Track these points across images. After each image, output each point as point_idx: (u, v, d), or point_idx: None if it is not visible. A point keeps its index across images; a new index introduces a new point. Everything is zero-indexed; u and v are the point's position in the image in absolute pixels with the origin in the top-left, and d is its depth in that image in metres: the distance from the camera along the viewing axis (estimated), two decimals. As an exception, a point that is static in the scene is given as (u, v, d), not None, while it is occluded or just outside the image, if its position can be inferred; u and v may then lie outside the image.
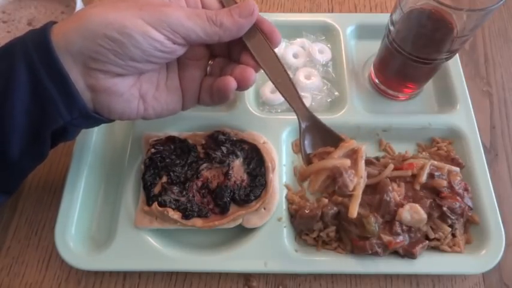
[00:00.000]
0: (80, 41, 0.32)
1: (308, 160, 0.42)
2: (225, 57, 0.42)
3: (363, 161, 0.40)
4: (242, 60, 0.40)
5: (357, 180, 0.40)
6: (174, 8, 0.34)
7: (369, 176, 0.46)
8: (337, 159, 0.40)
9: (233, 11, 0.36)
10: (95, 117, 0.36)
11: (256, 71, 0.40)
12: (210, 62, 0.43)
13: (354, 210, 0.39)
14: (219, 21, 0.35)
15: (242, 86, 0.39)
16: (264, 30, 0.39)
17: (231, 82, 0.38)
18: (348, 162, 0.40)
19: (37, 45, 0.32)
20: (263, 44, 0.39)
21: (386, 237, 0.42)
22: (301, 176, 0.43)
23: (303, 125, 0.42)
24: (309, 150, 0.43)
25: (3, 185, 0.39)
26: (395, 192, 0.43)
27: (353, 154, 0.41)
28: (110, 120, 0.39)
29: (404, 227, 0.43)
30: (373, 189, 0.45)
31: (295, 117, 0.52)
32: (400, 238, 0.43)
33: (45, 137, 0.35)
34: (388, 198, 0.43)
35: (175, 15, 0.34)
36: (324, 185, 0.41)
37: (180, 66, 0.41)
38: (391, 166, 0.45)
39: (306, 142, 0.43)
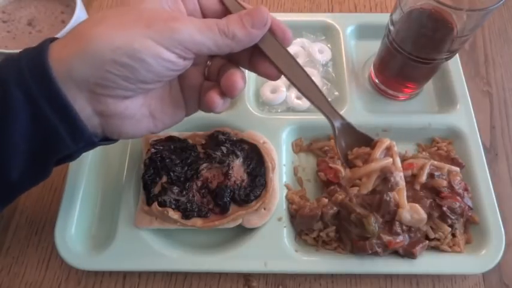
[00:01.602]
0: (85, 68, 0.29)
1: (348, 161, 0.44)
2: (222, 56, 0.39)
3: (398, 156, 0.44)
4: (260, 69, 0.37)
5: (400, 174, 0.43)
6: (184, 22, 0.31)
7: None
8: (384, 159, 0.42)
9: (245, 21, 0.33)
10: (102, 144, 0.35)
11: (275, 78, 0.37)
12: (208, 62, 0.40)
13: (404, 201, 0.42)
14: (231, 34, 0.32)
15: (229, 95, 0.37)
16: (274, 30, 0.36)
17: (215, 100, 0.36)
18: (390, 160, 0.42)
19: (35, 74, 0.29)
20: (278, 48, 0.36)
21: (386, 237, 0.42)
22: (350, 180, 0.44)
23: (336, 127, 0.42)
24: (345, 151, 0.44)
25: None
26: (395, 193, 0.43)
27: (388, 151, 0.44)
28: (116, 141, 0.37)
29: (404, 227, 0.43)
30: (373, 189, 0.45)
31: (295, 117, 0.53)
32: (400, 238, 0.43)
33: (48, 164, 0.34)
34: (388, 198, 0.43)
35: (186, 31, 0.31)
36: (374, 184, 0.43)
37: (179, 75, 0.38)
38: (390, 160, 0.45)
39: (343, 143, 0.44)
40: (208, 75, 0.39)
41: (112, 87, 0.31)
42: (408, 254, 0.43)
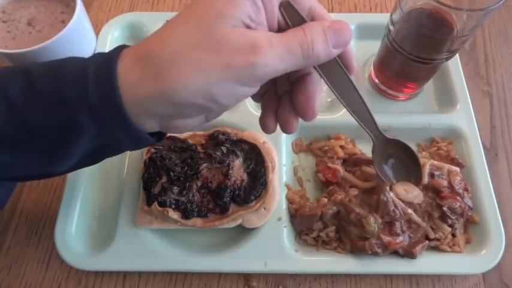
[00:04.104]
0: (163, 108, 0.29)
1: (386, 177, 0.43)
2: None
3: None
4: (301, 94, 0.34)
5: None
6: (264, 53, 0.28)
7: (368, 176, 0.47)
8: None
9: (330, 37, 0.30)
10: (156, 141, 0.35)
11: (308, 114, 0.34)
12: None
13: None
14: (315, 55, 0.30)
15: (284, 131, 0.36)
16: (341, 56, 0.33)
17: (270, 127, 0.37)
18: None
19: (104, 104, 0.28)
20: (337, 69, 0.33)
21: (386, 238, 0.42)
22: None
23: (377, 145, 0.41)
24: (389, 173, 0.43)
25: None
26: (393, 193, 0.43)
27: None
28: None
29: (404, 228, 0.43)
30: (372, 189, 0.45)
31: (295, 117, 0.53)
32: (400, 239, 0.43)
33: (101, 160, 0.34)
34: (385, 199, 0.43)
35: (268, 65, 0.28)
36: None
37: None
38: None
39: (385, 167, 0.43)
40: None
41: (184, 118, 0.31)
42: (408, 254, 0.43)
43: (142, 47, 0.29)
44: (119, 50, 0.30)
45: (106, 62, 0.29)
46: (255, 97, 0.38)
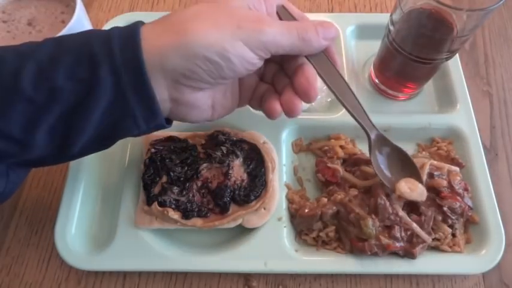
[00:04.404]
0: (177, 59, 0.32)
1: (391, 183, 0.43)
2: (276, 62, 0.41)
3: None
4: (301, 77, 0.38)
5: None
6: (270, 24, 0.34)
7: (368, 176, 0.47)
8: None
9: (319, 31, 0.36)
10: (166, 126, 0.37)
11: (311, 93, 0.38)
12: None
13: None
14: (308, 39, 0.36)
15: (288, 115, 0.39)
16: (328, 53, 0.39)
17: (277, 110, 0.39)
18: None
19: (128, 63, 0.31)
20: (326, 61, 0.39)
21: (385, 240, 0.42)
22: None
23: (372, 139, 0.42)
24: (384, 169, 0.43)
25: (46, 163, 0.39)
26: (392, 197, 0.43)
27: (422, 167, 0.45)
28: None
29: (403, 233, 0.43)
30: (368, 188, 0.45)
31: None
32: (400, 244, 0.43)
33: (114, 140, 0.36)
34: (382, 202, 0.43)
35: (272, 33, 0.34)
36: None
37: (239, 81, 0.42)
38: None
39: (380, 160, 0.43)
40: (262, 78, 0.42)
41: (195, 79, 0.33)
42: (408, 254, 0.43)
43: (164, 17, 0.34)
44: (142, 22, 0.34)
45: (132, 26, 0.33)
46: (254, 102, 0.42)
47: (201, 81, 0.34)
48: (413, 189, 0.42)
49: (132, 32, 0.32)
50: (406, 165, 0.43)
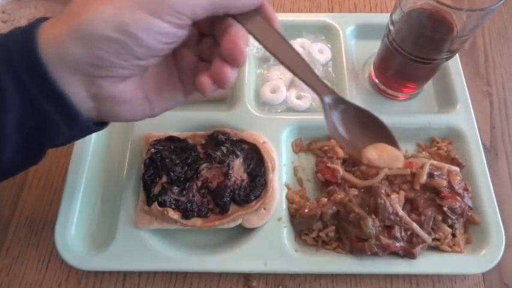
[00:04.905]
0: (75, 47, 0.28)
1: (354, 148, 0.37)
2: (210, 35, 0.36)
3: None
4: (226, 39, 0.32)
5: None
6: None
7: (368, 176, 0.47)
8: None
9: None
10: (97, 128, 0.34)
11: (237, 55, 0.32)
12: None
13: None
14: None
15: (218, 85, 0.33)
16: (264, 13, 0.34)
17: (204, 82, 0.33)
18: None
19: (24, 61, 0.28)
20: (261, 21, 0.34)
21: (385, 240, 0.42)
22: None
23: (327, 101, 0.36)
24: (347, 136, 0.37)
25: None
26: (392, 197, 0.43)
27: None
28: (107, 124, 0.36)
29: (403, 233, 0.43)
30: (368, 188, 0.45)
31: (295, 117, 0.53)
32: (399, 244, 0.43)
33: (43, 149, 0.33)
34: (382, 202, 0.43)
35: None
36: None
37: (175, 57, 0.36)
38: (385, 169, 0.45)
39: (336, 122, 0.37)
40: (201, 56, 0.36)
41: (106, 67, 0.29)
42: (408, 254, 0.43)
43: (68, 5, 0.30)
44: (46, 18, 0.30)
45: (31, 24, 0.29)
46: (186, 88, 0.36)
47: (114, 67, 0.29)
48: (382, 156, 0.36)
49: (30, 30, 0.28)
50: (376, 131, 0.37)
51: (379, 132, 0.37)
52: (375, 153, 0.36)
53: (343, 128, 0.37)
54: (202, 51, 0.36)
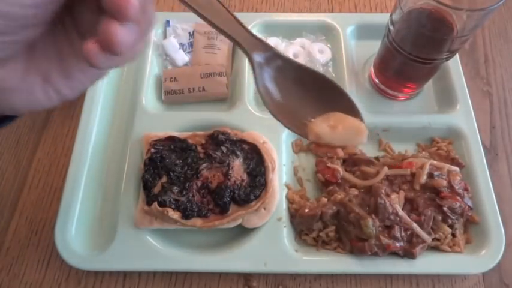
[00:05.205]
0: None
1: (297, 121, 0.29)
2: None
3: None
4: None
5: None
6: None
7: (368, 176, 0.47)
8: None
9: None
10: (2, 126, 0.29)
11: (121, 4, 0.23)
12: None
13: None
14: None
15: (108, 49, 0.24)
16: None
17: (89, 48, 0.24)
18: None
19: None
20: None
21: (385, 240, 0.42)
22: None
23: (258, 60, 0.27)
24: (278, 98, 0.29)
25: None
26: (392, 197, 0.43)
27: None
28: (15, 118, 0.31)
29: (403, 233, 0.43)
30: (368, 188, 0.45)
31: (295, 117, 0.53)
32: (399, 244, 0.43)
33: None
34: (382, 202, 0.43)
35: None
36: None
37: (75, 21, 0.28)
38: (385, 169, 0.45)
39: (270, 87, 0.28)
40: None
41: None
42: (408, 254, 0.43)
43: None
44: None
45: None
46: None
47: None
48: (337, 129, 0.28)
49: None
50: (329, 96, 0.29)
51: (333, 99, 0.28)
52: (326, 125, 0.27)
53: (280, 94, 0.28)
54: (81, 23, 0.28)
